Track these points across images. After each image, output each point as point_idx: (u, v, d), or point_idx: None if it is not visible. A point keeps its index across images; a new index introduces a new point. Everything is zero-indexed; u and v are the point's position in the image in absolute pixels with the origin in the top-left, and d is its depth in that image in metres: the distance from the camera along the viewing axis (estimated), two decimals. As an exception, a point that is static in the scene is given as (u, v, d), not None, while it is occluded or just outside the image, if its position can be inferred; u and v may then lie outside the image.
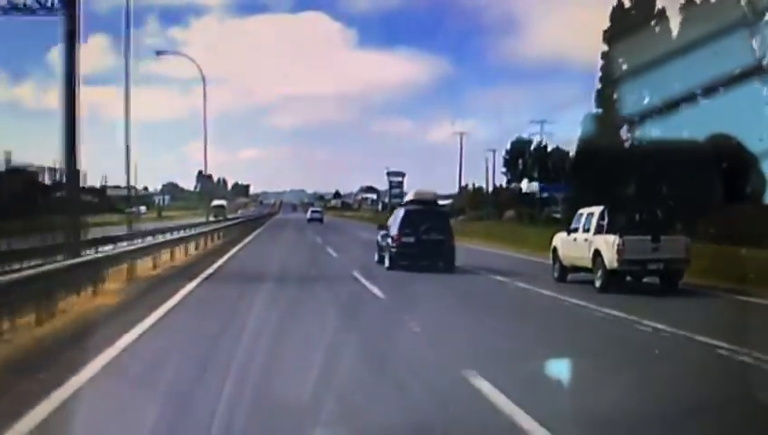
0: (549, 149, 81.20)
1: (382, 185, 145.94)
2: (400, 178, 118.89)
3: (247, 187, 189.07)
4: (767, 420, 6.07)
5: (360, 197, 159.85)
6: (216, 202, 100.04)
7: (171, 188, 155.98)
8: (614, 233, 14.88)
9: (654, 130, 36.84)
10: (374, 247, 22.10)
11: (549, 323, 11.57)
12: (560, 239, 17.08)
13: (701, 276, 16.10)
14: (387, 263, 19.92)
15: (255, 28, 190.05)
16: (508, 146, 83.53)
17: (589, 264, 15.43)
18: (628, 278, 15.19)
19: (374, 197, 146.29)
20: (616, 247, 14.59)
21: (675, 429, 5.79)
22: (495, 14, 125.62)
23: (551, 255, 17.43)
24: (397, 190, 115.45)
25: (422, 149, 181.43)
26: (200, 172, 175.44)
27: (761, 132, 24.45)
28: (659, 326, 10.28)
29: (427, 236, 19.65)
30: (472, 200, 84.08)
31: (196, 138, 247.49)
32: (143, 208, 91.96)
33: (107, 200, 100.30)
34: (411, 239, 19.52)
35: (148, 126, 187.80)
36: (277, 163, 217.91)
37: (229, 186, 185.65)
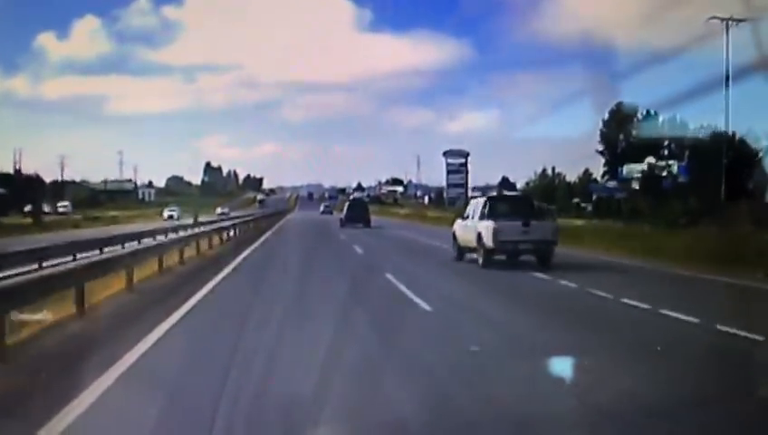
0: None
1: (407, 176, 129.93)
2: (462, 160, 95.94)
3: (260, 180, 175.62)
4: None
5: (385, 189, 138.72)
6: None
7: (176, 183, 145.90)
8: (492, 219, 18.04)
9: None
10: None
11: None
12: (458, 225, 20.17)
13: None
14: (341, 224, 44.53)
15: (257, 7, 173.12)
16: (606, 116, 63.19)
17: (475, 244, 18.53)
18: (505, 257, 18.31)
19: (401, 189, 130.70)
20: (492, 230, 17.71)
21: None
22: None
23: (452, 238, 20.54)
24: (457, 176, 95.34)
25: (445, 139, 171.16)
26: (208, 164, 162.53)
27: None
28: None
29: (357, 212, 46.35)
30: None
31: (209, 131, 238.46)
32: (66, 204, 74.63)
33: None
34: (352, 214, 46.14)
35: (153, 118, 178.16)
36: (292, 157, 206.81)
37: (240, 179, 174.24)
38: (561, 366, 6.81)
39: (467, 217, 19.52)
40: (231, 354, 6.73)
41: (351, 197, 66.74)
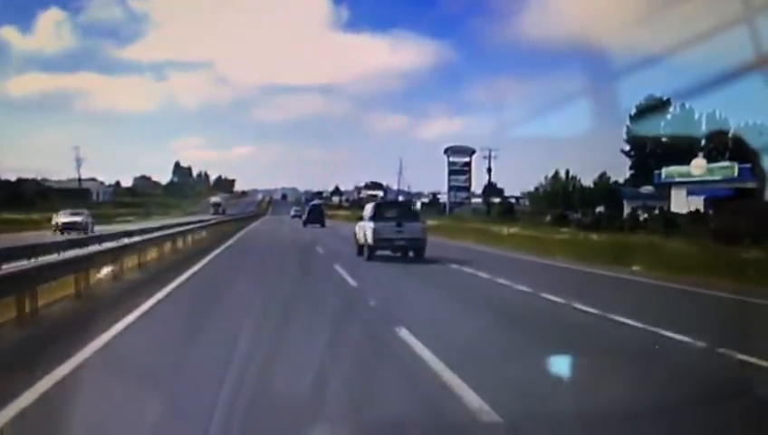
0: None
1: (385, 180, 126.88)
2: (467, 158, 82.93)
3: (232, 182, 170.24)
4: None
5: (364, 194, 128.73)
6: None
7: (143, 183, 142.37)
8: (373, 221, 22.73)
9: None
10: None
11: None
12: (357, 226, 24.89)
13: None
14: (302, 224, 56.87)
15: (228, 2, 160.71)
16: (633, 111, 55.60)
17: (363, 241, 23.25)
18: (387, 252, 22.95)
19: (381, 193, 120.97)
20: (372, 230, 22.41)
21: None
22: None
23: (353, 237, 25.26)
24: (461, 177, 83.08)
25: (424, 144, 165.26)
26: (177, 164, 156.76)
27: None
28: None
29: (315, 216, 58.67)
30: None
31: (182, 132, 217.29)
32: None
33: None
34: (312, 216, 58.51)
35: (124, 116, 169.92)
36: (267, 160, 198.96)
37: (212, 181, 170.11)
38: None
39: (362, 219, 24.26)
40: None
41: (311, 203, 76.22)
